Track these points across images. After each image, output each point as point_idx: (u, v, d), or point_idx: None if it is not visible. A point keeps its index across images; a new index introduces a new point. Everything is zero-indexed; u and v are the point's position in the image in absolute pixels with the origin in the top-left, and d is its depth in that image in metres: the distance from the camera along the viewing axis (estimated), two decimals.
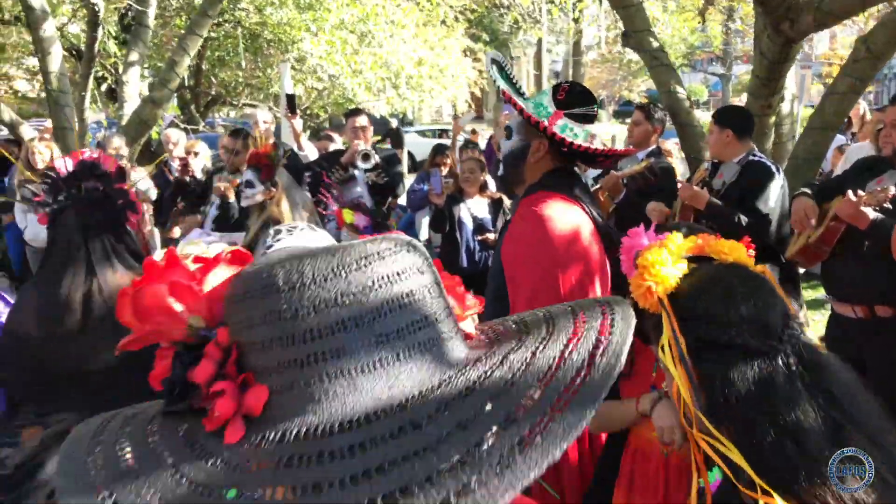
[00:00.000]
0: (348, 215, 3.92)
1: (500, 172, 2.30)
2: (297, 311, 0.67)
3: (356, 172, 4.78)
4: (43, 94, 12.93)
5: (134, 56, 6.70)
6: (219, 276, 0.80)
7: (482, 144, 10.12)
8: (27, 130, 6.36)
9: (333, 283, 0.68)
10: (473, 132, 11.13)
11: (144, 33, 6.76)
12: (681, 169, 6.17)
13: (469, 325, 0.85)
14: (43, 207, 2.25)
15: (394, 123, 14.96)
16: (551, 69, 21.97)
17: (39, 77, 12.61)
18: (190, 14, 10.46)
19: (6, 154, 3.03)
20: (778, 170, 3.44)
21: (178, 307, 0.76)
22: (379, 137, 13.66)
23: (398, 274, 0.71)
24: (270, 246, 1.48)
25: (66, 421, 2.08)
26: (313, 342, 0.67)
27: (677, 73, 4.88)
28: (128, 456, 0.70)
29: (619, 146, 11.22)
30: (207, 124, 12.77)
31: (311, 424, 0.65)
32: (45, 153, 5.61)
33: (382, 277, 0.70)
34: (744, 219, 3.23)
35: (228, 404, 0.68)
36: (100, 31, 5.92)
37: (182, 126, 7.24)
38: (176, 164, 6.52)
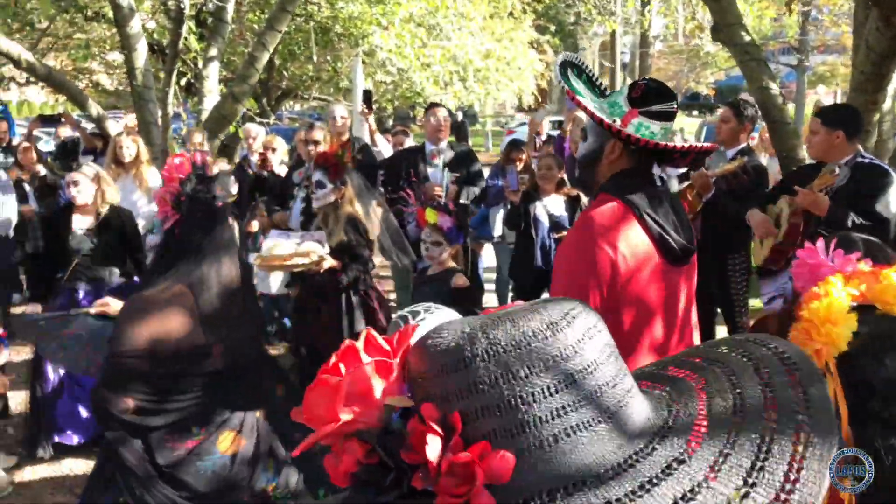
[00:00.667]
0: (431, 215, 3.87)
1: (576, 175, 2.23)
2: (529, 369, 0.67)
3: (429, 171, 4.75)
4: (120, 87, 13.37)
5: (213, 51, 6.82)
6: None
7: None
8: (113, 125, 6.54)
9: (550, 341, 0.69)
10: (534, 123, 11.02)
11: (223, 28, 6.87)
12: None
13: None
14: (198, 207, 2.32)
15: (459, 117, 14.94)
16: (619, 60, 21.59)
17: (118, 71, 13.06)
18: (263, 9, 10.63)
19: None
20: (892, 171, 3.27)
21: (378, 390, 0.74)
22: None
23: (590, 329, 0.72)
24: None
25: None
26: (546, 400, 0.67)
27: (770, 68, 4.70)
28: None
29: (690, 139, 10.96)
30: (276, 117, 12.97)
31: (557, 483, 0.67)
32: (132, 147, 5.75)
33: (581, 338, 0.71)
34: (859, 221, 3.08)
35: (477, 473, 0.66)
36: (184, 28, 6.04)
37: (260, 121, 7.35)
38: (255, 159, 6.63)
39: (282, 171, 6.31)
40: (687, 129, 18.70)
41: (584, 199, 5.23)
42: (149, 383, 2.16)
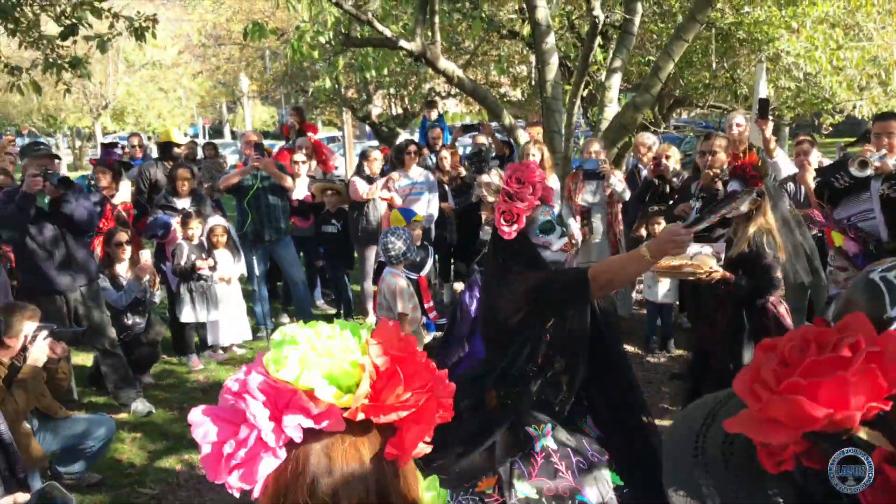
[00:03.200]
0: (837, 238, 3.54)
1: None
2: None
3: (873, 183, 4.27)
4: (522, 99, 14.54)
5: (617, 62, 7.05)
6: None
7: None
8: (522, 135, 7.17)
9: None
10: None
11: (629, 40, 7.06)
12: None
13: None
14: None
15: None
16: None
17: (522, 84, 14.22)
18: (664, 19, 10.65)
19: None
20: None
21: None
22: (853, 139, 12.20)
23: None
24: None
25: None
26: None
27: None
28: None
29: None
30: (667, 126, 12.88)
31: None
32: (537, 155, 6.24)
33: None
34: None
35: None
36: (596, 42, 6.38)
37: (653, 129, 7.42)
38: (647, 167, 6.72)
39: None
40: None
41: None
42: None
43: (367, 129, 19.18)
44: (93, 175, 7.23)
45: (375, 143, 15.17)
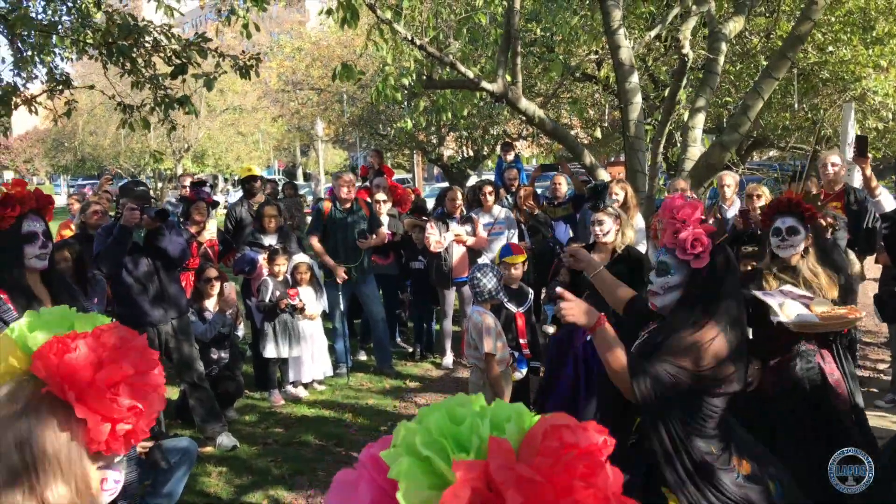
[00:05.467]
0: None
1: None
2: None
3: None
4: (589, 140, 14.48)
5: (701, 102, 6.94)
6: None
7: None
8: (603, 173, 7.10)
9: None
10: None
11: (712, 80, 6.96)
12: None
13: None
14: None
15: None
16: None
17: (592, 126, 14.18)
18: (742, 59, 10.51)
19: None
20: None
21: None
22: None
23: None
24: None
25: None
26: None
27: None
28: None
29: None
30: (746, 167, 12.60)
31: None
32: (620, 194, 6.16)
33: None
34: None
35: None
36: (683, 81, 6.31)
37: (737, 169, 7.26)
38: (727, 206, 6.54)
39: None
40: None
41: None
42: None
43: (436, 170, 19.38)
44: (181, 212, 7.48)
45: (446, 184, 15.32)
